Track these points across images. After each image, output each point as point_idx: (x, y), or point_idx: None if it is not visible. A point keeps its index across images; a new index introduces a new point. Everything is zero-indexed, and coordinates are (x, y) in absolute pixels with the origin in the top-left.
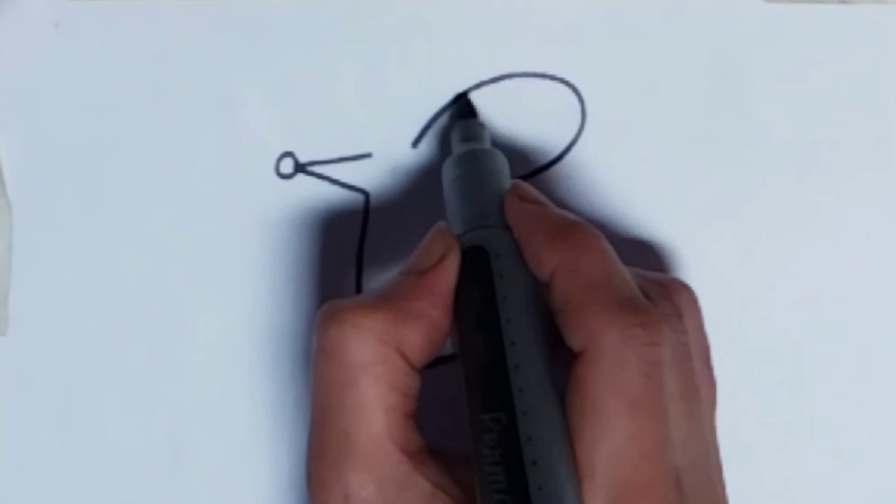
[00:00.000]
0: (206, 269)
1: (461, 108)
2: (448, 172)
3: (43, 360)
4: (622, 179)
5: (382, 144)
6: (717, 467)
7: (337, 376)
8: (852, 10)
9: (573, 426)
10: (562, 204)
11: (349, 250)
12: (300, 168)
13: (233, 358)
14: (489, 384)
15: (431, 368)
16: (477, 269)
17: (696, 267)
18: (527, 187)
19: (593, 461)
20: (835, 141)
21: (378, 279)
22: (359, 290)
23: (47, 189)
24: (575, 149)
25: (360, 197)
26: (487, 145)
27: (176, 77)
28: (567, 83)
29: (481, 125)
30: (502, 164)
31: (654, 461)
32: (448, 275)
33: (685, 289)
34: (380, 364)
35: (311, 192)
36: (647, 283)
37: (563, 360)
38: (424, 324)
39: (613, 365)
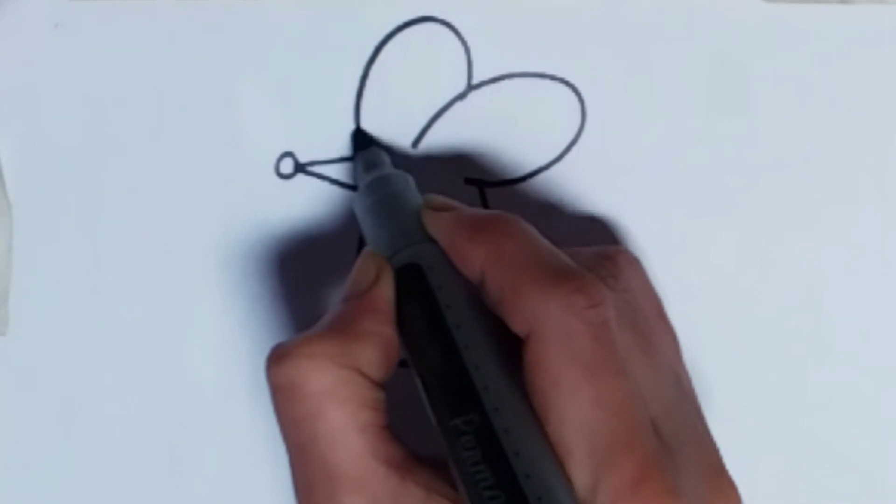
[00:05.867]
0: (206, 269)
1: (357, 140)
2: (361, 203)
3: (43, 360)
4: (622, 179)
5: (383, 144)
6: (695, 410)
7: (302, 411)
8: (852, 10)
9: (539, 409)
10: (562, 204)
11: (349, 250)
12: (300, 168)
13: (233, 358)
14: (453, 390)
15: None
16: (415, 284)
17: (696, 267)
18: (437, 198)
19: (567, 438)
20: (835, 141)
21: None
22: None
23: (47, 189)
24: (575, 149)
25: None
26: (391, 169)
27: (176, 77)
28: (567, 83)
29: (381, 151)
30: (410, 183)
31: (626, 417)
32: (386, 291)
33: (620, 252)
34: (342, 386)
35: (311, 192)
36: (579, 256)
37: (515, 352)
38: (375, 340)
39: (561, 336)
